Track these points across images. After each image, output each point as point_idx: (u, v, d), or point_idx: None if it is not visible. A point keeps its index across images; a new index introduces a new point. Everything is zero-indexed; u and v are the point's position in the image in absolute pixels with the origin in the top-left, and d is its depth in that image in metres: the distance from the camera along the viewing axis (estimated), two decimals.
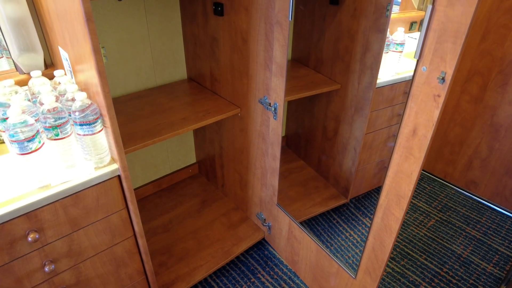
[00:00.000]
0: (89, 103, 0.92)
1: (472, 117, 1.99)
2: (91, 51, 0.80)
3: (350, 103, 1.67)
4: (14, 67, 1.31)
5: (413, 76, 0.79)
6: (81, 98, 0.89)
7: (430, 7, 0.70)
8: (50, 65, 1.35)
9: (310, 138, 2.06)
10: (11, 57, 1.26)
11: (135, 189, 1.82)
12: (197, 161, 2.02)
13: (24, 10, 1.17)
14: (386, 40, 1.48)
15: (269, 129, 1.34)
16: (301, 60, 1.95)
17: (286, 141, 2.33)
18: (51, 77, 1.33)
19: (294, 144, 2.26)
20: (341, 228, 1.83)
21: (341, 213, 1.92)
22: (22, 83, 1.29)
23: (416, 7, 2.57)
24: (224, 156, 1.72)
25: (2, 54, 1.41)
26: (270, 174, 1.44)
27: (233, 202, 1.82)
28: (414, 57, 0.76)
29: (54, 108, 0.89)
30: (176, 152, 1.92)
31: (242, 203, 1.74)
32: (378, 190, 2.09)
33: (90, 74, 0.88)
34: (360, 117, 1.64)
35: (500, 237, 1.83)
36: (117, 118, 1.35)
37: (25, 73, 1.29)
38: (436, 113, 0.75)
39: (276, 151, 1.34)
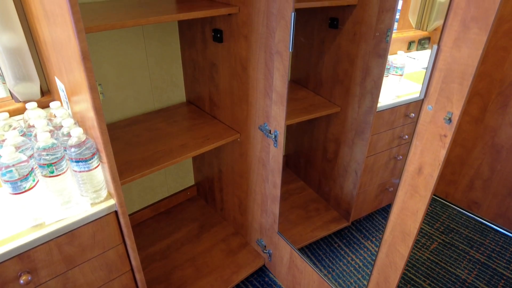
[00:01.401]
0: (85, 138, 0.89)
1: (473, 138, 1.98)
2: (88, 89, 0.78)
3: (351, 126, 1.65)
4: (10, 94, 1.29)
5: (419, 114, 0.77)
6: (77, 134, 0.87)
7: (435, 47, 0.69)
8: (46, 92, 1.33)
9: (310, 159, 2.04)
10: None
11: (132, 214, 1.79)
12: (196, 183, 1.99)
13: (21, 39, 1.16)
14: (386, 63, 1.47)
15: (269, 156, 1.31)
16: (300, 82, 1.94)
17: (286, 161, 2.31)
18: (47, 105, 1.31)
19: (294, 164, 2.23)
20: (342, 253, 1.79)
21: (343, 236, 1.88)
22: (18, 112, 1.27)
23: (414, 26, 2.59)
24: (223, 180, 1.69)
25: None
26: (270, 201, 1.41)
27: (233, 226, 1.78)
28: (420, 96, 0.74)
29: (50, 146, 0.86)
30: (174, 174, 1.89)
31: (242, 229, 1.71)
32: (379, 212, 2.06)
33: (86, 108, 0.86)
34: (361, 141, 1.62)
35: (504, 261, 1.79)
36: (114, 145, 1.33)
37: (21, 101, 1.27)
38: (443, 153, 0.73)
39: (277, 178, 1.32)
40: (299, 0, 1.35)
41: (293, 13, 0.97)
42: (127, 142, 1.36)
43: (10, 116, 1.26)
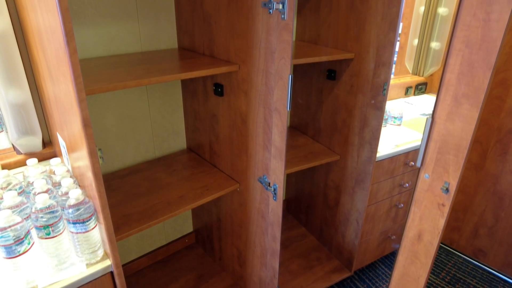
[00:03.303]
0: (84, 199, 0.89)
1: (474, 184, 1.97)
2: (88, 154, 0.79)
3: (351, 174, 1.65)
4: (12, 145, 1.31)
5: (416, 181, 0.77)
6: (76, 196, 0.87)
7: (429, 119, 0.70)
8: (48, 143, 1.35)
9: (311, 205, 2.02)
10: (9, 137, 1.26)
11: (128, 263, 1.74)
12: (194, 230, 1.96)
13: (26, 96, 1.19)
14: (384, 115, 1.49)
15: (268, 208, 1.30)
16: (299, 128, 1.96)
17: (287, 206, 2.29)
18: (48, 156, 1.32)
19: (294, 209, 2.21)
20: None
21: (345, 287, 1.82)
22: (19, 164, 1.28)
23: (410, 72, 2.65)
24: (222, 229, 1.67)
25: (2, 128, 1.42)
26: (270, 255, 1.38)
27: (231, 278, 1.73)
28: (417, 164, 0.74)
29: (47, 207, 0.86)
30: (172, 221, 1.86)
31: (241, 280, 1.66)
32: (383, 260, 2.01)
33: (86, 168, 0.86)
34: (361, 190, 1.61)
35: None
36: (112, 197, 1.33)
37: (22, 154, 1.28)
38: (442, 222, 0.72)
39: (276, 231, 1.30)
40: (298, 55, 1.40)
41: (290, 76, 1.00)
42: (126, 193, 1.35)
43: (11, 168, 1.27)
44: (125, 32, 1.36)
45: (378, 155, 1.53)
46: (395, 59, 1.83)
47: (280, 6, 0.95)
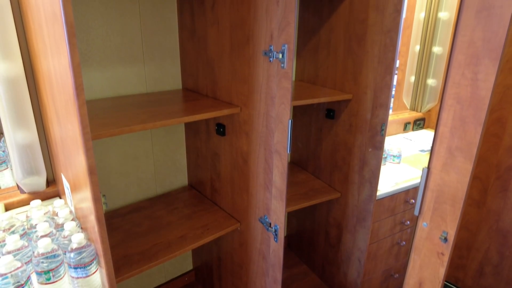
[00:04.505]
0: (85, 243, 0.90)
1: (477, 221, 1.95)
2: (92, 201, 0.80)
3: (352, 212, 1.65)
4: (16, 184, 1.32)
5: (415, 229, 0.78)
6: (78, 240, 0.87)
7: (425, 170, 0.72)
8: (51, 182, 1.37)
9: (313, 242, 2.00)
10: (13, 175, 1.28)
11: None
12: (194, 268, 1.93)
13: (33, 137, 1.22)
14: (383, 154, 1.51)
15: (269, 250, 1.30)
16: (300, 164, 1.98)
17: (288, 242, 2.26)
18: (51, 195, 1.34)
19: (296, 246, 2.18)
20: None
21: None
22: (22, 203, 1.29)
23: (408, 107, 2.71)
24: (222, 268, 1.64)
25: (7, 166, 1.44)
26: None
27: None
28: (414, 213, 0.76)
29: (49, 251, 0.86)
30: (172, 259, 1.84)
31: None
32: None
33: (89, 210, 0.87)
34: (362, 228, 1.60)
35: None
36: (113, 236, 1.32)
37: (25, 193, 1.30)
38: (442, 271, 0.72)
39: (277, 274, 1.28)
40: (297, 97, 1.45)
41: (290, 120, 1.03)
42: (127, 233, 1.35)
43: (14, 207, 1.28)
44: (131, 74, 1.42)
45: (378, 193, 1.54)
46: (392, 97, 1.87)
47: (280, 56, 1.00)
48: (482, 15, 0.59)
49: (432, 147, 0.71)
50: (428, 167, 0.71)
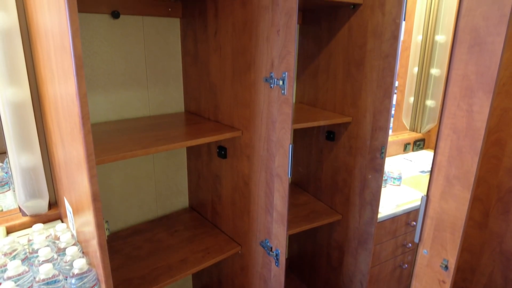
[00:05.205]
0: (87, 268, 0.90)
1: (480, 243, 1.94)
2: (95, 227, 0.81)
3: (353, 235, 1.64)
4: (17, 206, 1.33)
5: (415, 256, 0.78)
6: (80, 266, 0.87)
7: (424, 197, 0.73)
8: (53, 204, 1.37)
9: (314, 265, 1.98)
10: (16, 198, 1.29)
11: None
12: None
13: (37, 160, 1.24)
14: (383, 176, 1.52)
15: (270, 274, 1.29)
16: (301, 184, 1.98)
17: (289, 264, 2.24)
18: (53, 218, 1.34)
19: (298, 268, 2.16)
20: None
21: None
22: (24, 226, 1.30)
23: (408, 128, 2.73)
24: None
25: (9, 188, 1.45)
26: None
27: None
28: (415, 240, 0.76)
29: (50, 277, 0.86)
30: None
31: None
32: None
33: (91, 235, 0.88)
34: (364, 251, 1.59)
35: None
36: (114, 259, 1.32)
37: (27, 215, 1.30)
38: None
39: None
40: (298, 119, 1.47)
41: (291, 145, 1.05)
42: (127, 256, 1.34)
43: (16, 230, 1.29)
44: (134, 98, 1.45)
45: (379, 215, 1.54)
46: (392, 116, 1.89)
47: (281, 83, 1.03)
48: (474, 50, 0.61)
49: (430, 175, 0.72)
50: (427, 195, 0.72)
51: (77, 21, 0.69)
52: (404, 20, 2.43)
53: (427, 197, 0.72)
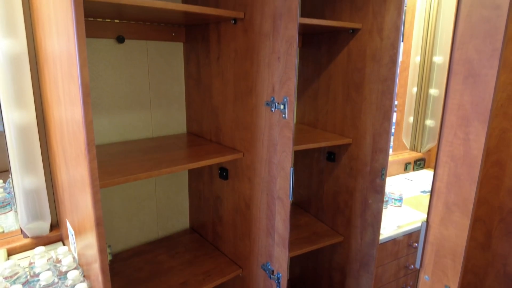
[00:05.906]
0: None
1: (483, 265, 1.92)
2: (97, 251, 0.81)
3: (355, 257, 1.63)
4: (19, 227, 1.33)
5: (417, 282, 0.78)
6: None
7: (424, 223, 0.73)
8: (55, 226, 1.38)
9: (316, 287, 1.95)
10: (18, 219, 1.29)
11: None
12: None
13: (40, 182, 1.25)
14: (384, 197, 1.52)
15: None
16: (302, 205, 1.98)
17: (290, 286, 2.21)
18: (54, 240, 1.34)
19: None
20: None
21: None
22: (25, 248, 1.29)
23: (408, 147, 2.75)
24: None
25: (11, 208, 1.46)
26: None
27: None
28: (416, 265, 0.76)
29: None
30: None
31: None
32: None
33: (93, 259, 0.88)
34: (366, 273, 1.58)
35: None
36: (114, 282, 1.31)
37: (29, 237, 1.30)
38: None
39: None
40: (298, 141, 1.49)
41: (292, 168, 1.06)
42: (128, 278, 1.34)
43: (17, 252, 1.28)
44: (138, 120, 1.47)
45: (381, 237, 1.53)
46: (392, 135, 1.91)
47: (282, 107, 1.05)
48: (469, 81, 0.63)
49: (430, 201, 0.73)
50: (427, 221, 0.73)
51: (85, 50, 0.71)
52: (402, 41, 2.48)
53: (427, 223, 0.73)
